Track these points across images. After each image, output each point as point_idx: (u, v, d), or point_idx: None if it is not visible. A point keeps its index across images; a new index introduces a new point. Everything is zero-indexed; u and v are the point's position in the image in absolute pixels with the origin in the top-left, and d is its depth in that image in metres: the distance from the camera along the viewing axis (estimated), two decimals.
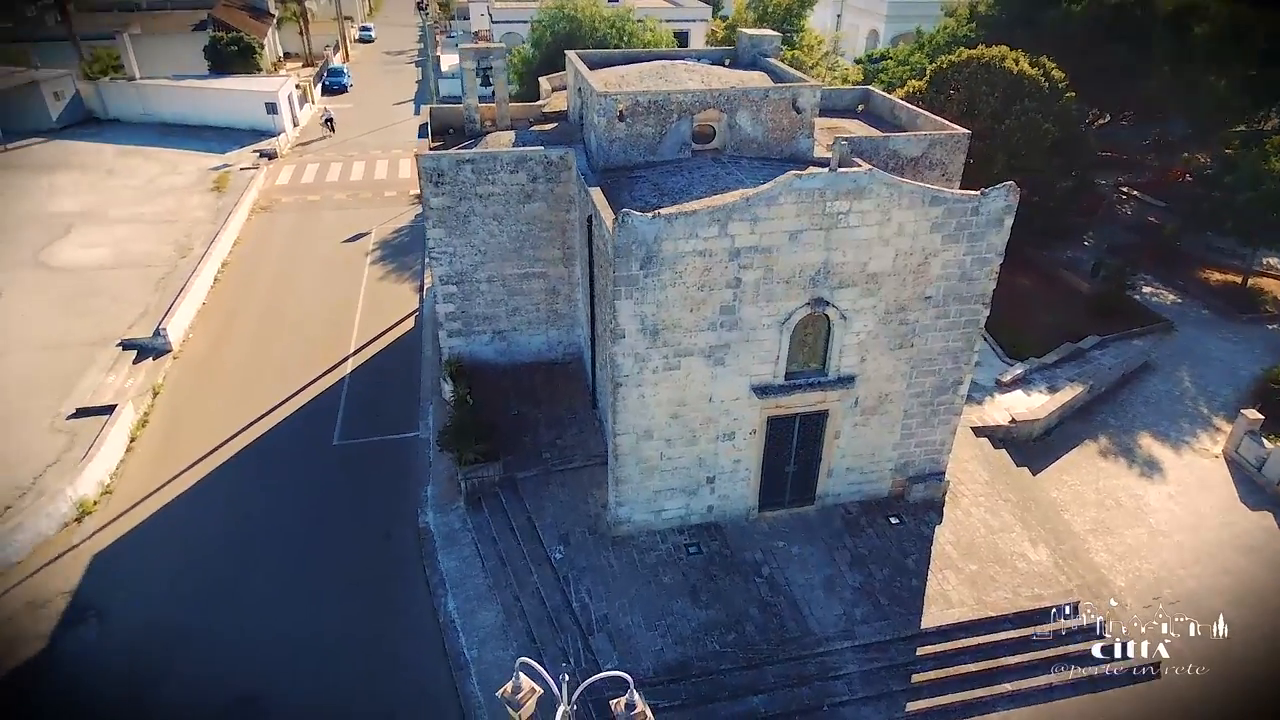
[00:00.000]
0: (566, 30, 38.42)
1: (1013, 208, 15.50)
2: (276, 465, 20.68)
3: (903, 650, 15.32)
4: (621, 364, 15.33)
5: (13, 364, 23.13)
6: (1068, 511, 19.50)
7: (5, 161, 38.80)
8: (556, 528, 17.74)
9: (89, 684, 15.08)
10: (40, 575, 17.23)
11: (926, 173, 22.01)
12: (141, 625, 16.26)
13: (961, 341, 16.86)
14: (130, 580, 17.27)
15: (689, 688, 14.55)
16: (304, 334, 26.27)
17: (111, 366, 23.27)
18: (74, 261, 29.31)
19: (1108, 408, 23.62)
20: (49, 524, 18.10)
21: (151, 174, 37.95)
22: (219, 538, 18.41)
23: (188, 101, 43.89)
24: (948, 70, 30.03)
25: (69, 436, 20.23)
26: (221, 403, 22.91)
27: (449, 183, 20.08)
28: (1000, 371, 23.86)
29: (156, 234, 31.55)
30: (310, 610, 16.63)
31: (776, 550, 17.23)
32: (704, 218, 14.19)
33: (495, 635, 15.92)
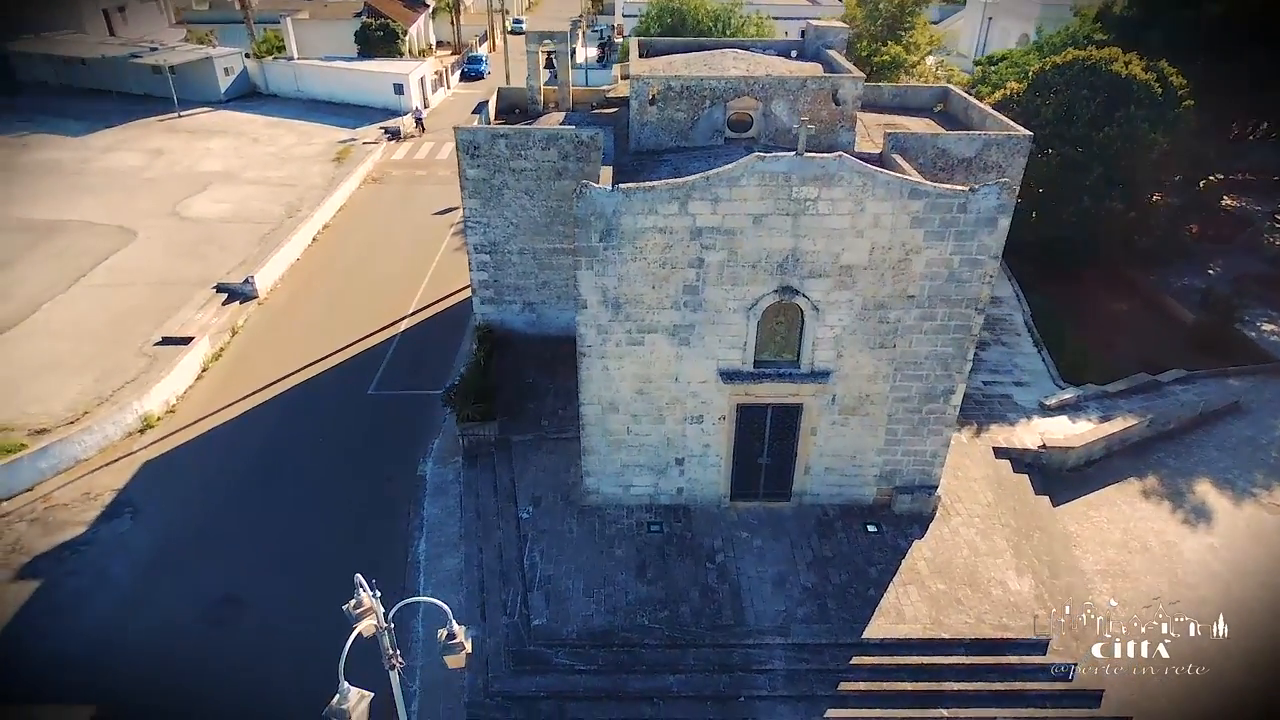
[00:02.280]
0: (671, 22, 38.92)
1: (1007, 208, 14.51)
2: (315, 405, 22.66)
3: (837, 656, 14.79)
4: (584, 334, 15.75)
5: (127, 294, 26.63)
6: (1082, 548, 17.92)
7: (175, 126, 44.27)
8: (533, 490, 18.42)
9: (111, 568, 17.34)
10: (98, 472, 19.93)
11: (981, 175, 20.88)
12: (164, 525, 18.48)
13: (952, 348, 15.95)
14: (167, 486, 19.61)
15: (608, 655, 14.79)
16: (374, 293, 28.40)
17: (203, 305, 26.28)
18: (202, 214, 33.16)
19: (1171, 447, 21.34)
20: (115, 430, 20.84)
21: (288, 143, 42.06)
22: (249, 461, 20.49)
23: (332, 80, 48.24)
24: (1049, 72, 27.98)
25: (150, 360, 23.12)
26: (286, 346, 25.30)
27: (484, 155, 21.17)
28: (1049, 394, 22.11)
29: (275, 195, 35.06)
30: (305, 534, 18.23)
31: (738, 540, 17.04)
32: (663, 194, 14.32)
33: (451, 580, 16.84)
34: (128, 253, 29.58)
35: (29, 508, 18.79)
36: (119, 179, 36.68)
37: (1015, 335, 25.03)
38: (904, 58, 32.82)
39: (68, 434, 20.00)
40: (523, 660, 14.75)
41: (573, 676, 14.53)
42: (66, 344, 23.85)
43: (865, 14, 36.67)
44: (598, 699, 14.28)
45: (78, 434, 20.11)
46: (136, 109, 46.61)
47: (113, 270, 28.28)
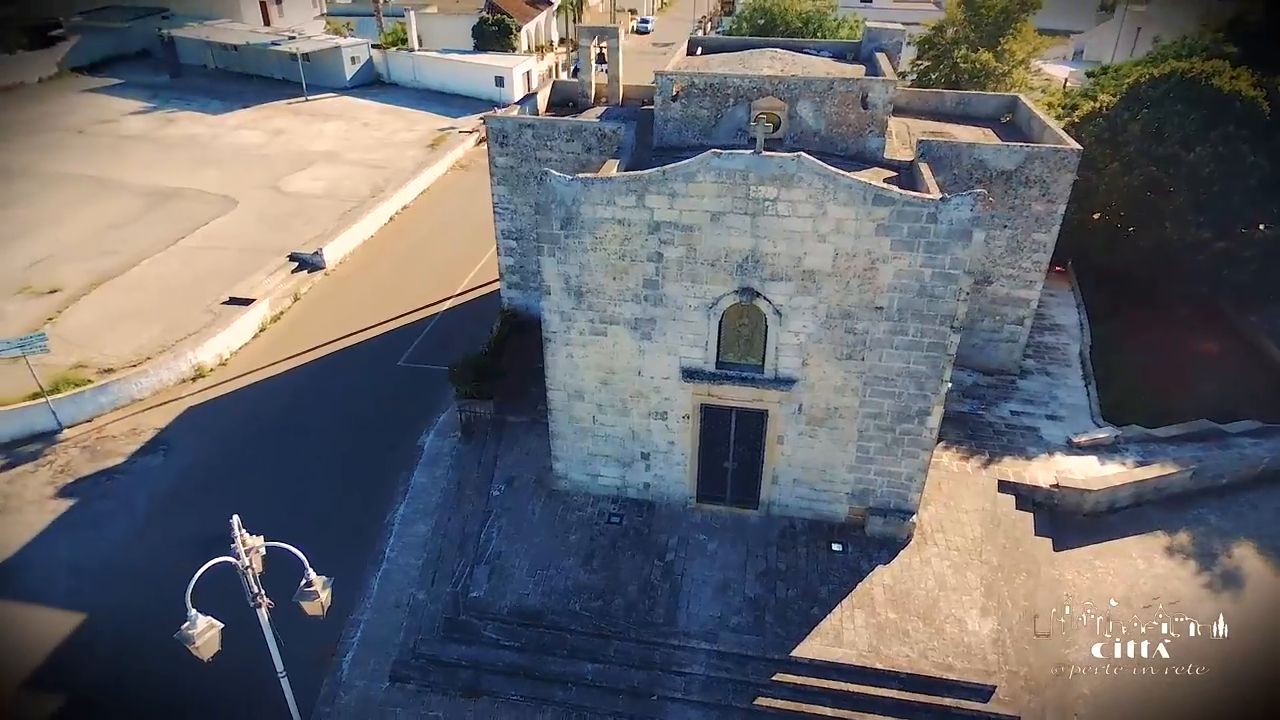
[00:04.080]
0: (762, 23, 38.51)
1: (982, 220, 13.59)
2: (348, 372, 24.18)
3: (760, 670, 14.38)
4: (549, 320, 16.05)
5: (213, 257, 29.33)
6: (1076, 600, 16.45)
7: (300, 109, 48.06)
8: (511, 470, 18.93)
9: (135, 497, 19.30)
10: (147, 412, 22.16)
11: (1022, 191, 19.72)
12: (188, 464, 20.35)
13: (926, 366, 15.08)
14: (199, 430, 21.56)
15: (533, 635, 15.05)
16: (429, 273, 29.85)
17: (274, 272, 28.54)
18: (298, 189, 35.93)
19: (1218, 504, 19.18)
20: (169, 376, 23.10)
21: (393, 129, 44.76)
22: (274, 416, 22.17)
23: (443, 71, 50.88)
24: (1144, 85, 25.63)
25: (214, 316, 25.42)
26: (339, 315, 27.08)
27: (512, 144, 21.86)
28: (1082, 431, 20.38)
29: (365, 176, 37.46)
30: (303, 488, 19.52)
31: (693, 541, 16.85)
32: (620, 185, 14.40)
33: (416, 544, 17.62)
34: (225, 220, 32.53)
35: (84, 436, 21.18)
36: (239, 154, 40.30)
37: (1064, 366, 23.16)
38: (993, 65, 30.89)
39: (127, 375, 22.38)
40: (453, 628, 15.26)
41: (495, 650, 14.90)
42: (150, 296, 26.61)
43: (965, 18, 34.77)
44: (514, 675, 14.58)
45: (136, 376, 22.46)
46: (271, 92, 50.93)
47: (208, 235, 31.19)
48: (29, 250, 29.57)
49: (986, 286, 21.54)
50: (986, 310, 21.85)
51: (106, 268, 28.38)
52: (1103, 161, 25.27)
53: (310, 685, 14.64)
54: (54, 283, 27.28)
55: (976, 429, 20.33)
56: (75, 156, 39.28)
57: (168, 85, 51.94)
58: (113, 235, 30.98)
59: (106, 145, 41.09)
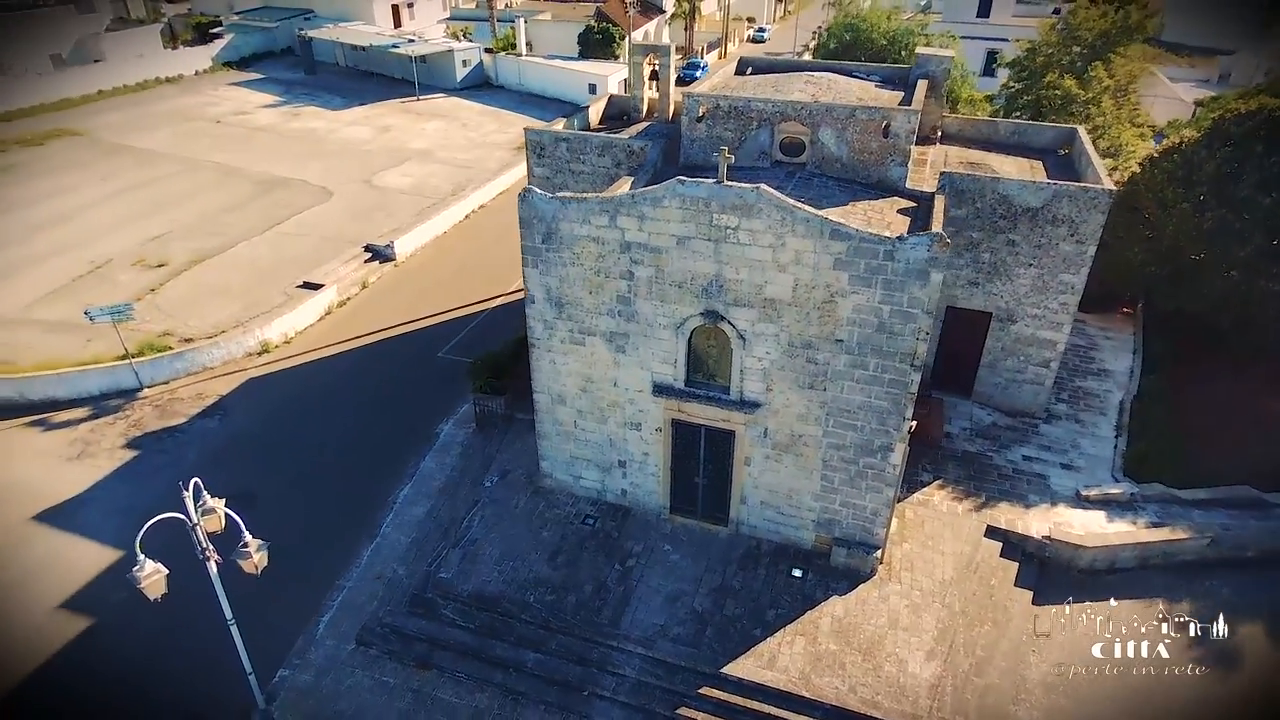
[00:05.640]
0: (850, 39, 38.19)
1: (940, 261, 13.48)
2: (392, 359, 26.11)
3: (688, 681, 14.82)
4: (533, 327, 17.05)
5: (298, 243, 32.21)
6: (1040, 655, 15.88)
7: (409, 108, 51.41)
8: (507, 464, 20.08)
9: (187, 454, 21.79)
10: (214, 380, 24.83)
11: (1048, 229, 19.17)
12: (238, 429, 22.74)
13: (887, 402, 15.03)
14: (253, 399, 23.98)
15: (486, 619, 16.09)
16: (488, 271, 31.54)
17: (348, 260, 31.04)
18: (388, 184, 38.68)
19: (1237, 578, 17.79)
20: (237, 350, 25.74)
21: (487, 130, 47.17)
22: (321, 393, 24.32)
23: (544, 76, 53.02)
24: (1228, 121, 23.84)
25: (286, 298, 28.02)
26: (399, 305, 29.18)
27: (548, 156, 23.02)
28: (1097, 483, 19.42)
29: (451, 174, 39.83)
30: (325, 461, 21.46)
31: (657, 551, 17.41)
32: (594, 206, 15.17)
33: (409, 524, 19.06)
34: (318, 209, 35.55)
35: (158, 396, 24.02)
36: (345, 148, 43.71)
37: (1098, 414, 22.00)
38: (1075, 92, 29.27)
39: (202, 346, 25.14)
40: (417, 604, 16.53)
41: (450, 629, 16.05)
42: (239, 276, 29.62)
43: (1058, 40, 33.10)
44: (463, 654, 15.66)
45: (209, 347, 25.19)
46: (389, 90, 54.71)
47: (299, 223, 34.23)
48: (151, 227, 33.45)
49: (1011, 325, 20.86)
50: (1010, 349, 21.15)
51: (209, 247, 31.73)
52: (1174, 200, 23.75)
53: (289, 639, 16.31)
54: (164, 258, 30.82)
55: (980, 470, 19.76)
56: (209, 144, 43.80)
57: (301, 81, 56.74)
58: (222, 218, 34.52)
59: (238, 135, 45.52)
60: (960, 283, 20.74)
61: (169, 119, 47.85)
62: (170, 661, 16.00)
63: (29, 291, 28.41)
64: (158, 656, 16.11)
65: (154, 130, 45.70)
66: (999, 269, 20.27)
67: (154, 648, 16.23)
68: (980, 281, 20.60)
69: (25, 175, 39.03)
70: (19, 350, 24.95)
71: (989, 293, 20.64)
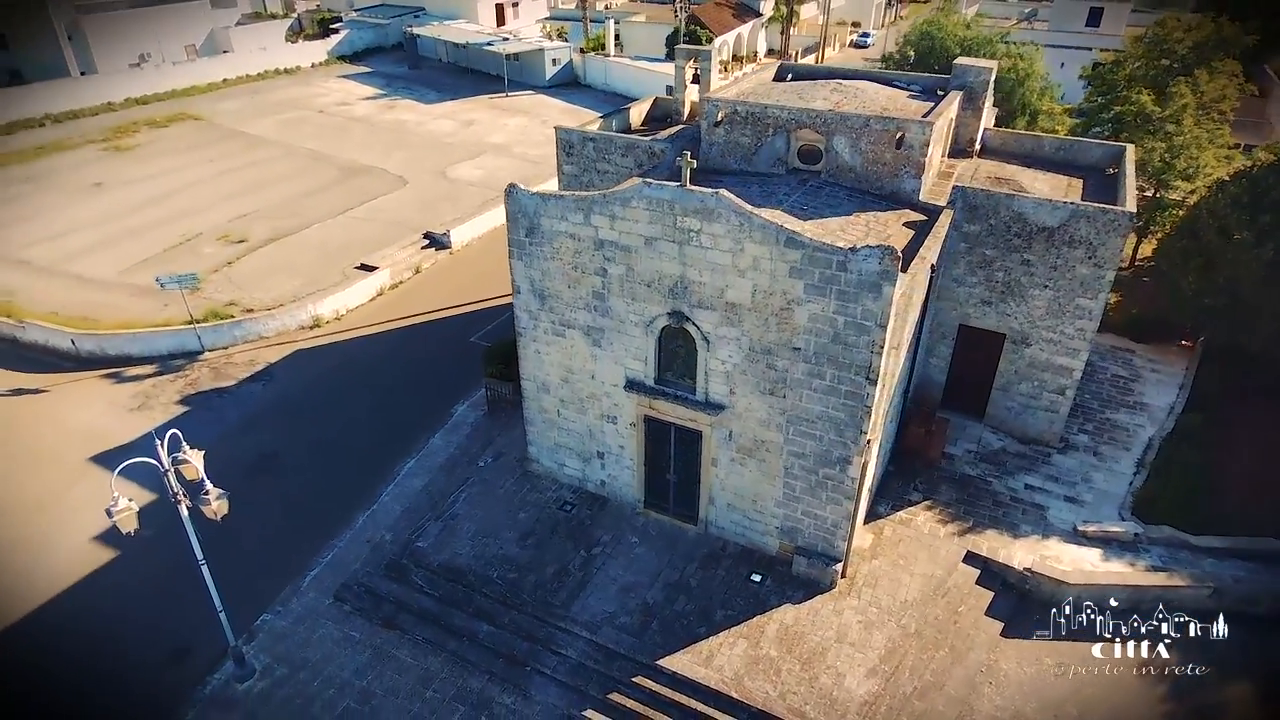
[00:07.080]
0: (927, 47, 37.31)
1: (892, 275, 13.34)
2: (428, 341, 27.57)
3: (622, 668, 15.22)
4: (519, 316, 17.82)
5: (365, 228, 34.34)
6: (996, 687, 15.37)
7: (497, 104, 53.47)
8: (503, 447, 20.99)
9: (231, 415, 23.84)
10: (267, 349, 26.96)
11: (1064, 250, 18.55)
12: (278, 395, 24.67)
13: (844, 414, 14.94)
14: (298, 369, 25.90)
15: (449, 589, 17.00)
16: None
17: (406, 246, 32.86)
18: (459, 176, 40.53)
19: (1242, 634, 16.51)
20: (292, 323, 27.83)
21: None
22: (358, 368, 26.00)
23: (627, 76, 53.97)
24: None
25: (343, 278, 30.01)
26: (447, 291, 30.71)
27: (577, 154, 23.80)
28: (1099, 520, 18.48)
29: (519, 169, 41.28)
30: (350, 429, 23.00)
31: (623, 542, 17.86)
32: (570, 203, 15.77)
33: (406, 495, 20.25)
34: (389, 197, 37.71)
35: (216, 359, 26.32)
36: (429, 140, 46.02)
37: (1122, 449, 20.83)
38: (1151, 109, 27.40)
39: (259, 317, 27.33)
40: (392, 568, 17.63)
41: (417, 594, 17.05)
42: (306, 255, 31.91)
43: (1144, 51, 31.08)
44: (424, 619, 16.62)
45: (266, 319, 27.36)
46: (482, 86, 57.04)
47: (371, 208, 36.43)
48: (241, 206, 36.41)
49: (1025, 349, 20.11)
50: (1024, 374, 20.37)
51: (286, 227, 34.29)
52: (1236, 227, 22.16)
53: (278, 589, 17.76)
54: (245, 234, 33.54)
55: (975, 495, 19.17)
56: (309, 132, 47.06)
57: (404, 76, 59.94)
58: (303, 200, 37.18)
59: (336, 125, 48.69)
60: (973, 300, 20.15)
61: (279, 108, 51.66)
62: (174, 594, 17.70)
63: (126, 258, 31.59)
64: (164, 592, 17.85)
65: (265, 117, 49.48)
66: (1013, 289, 19.57)
67: (164, 584, 17.98)
68: (994, 300, 19.94)
69: (149, 154, 43.20)
70: (108, 310, 27.86)
71: (1002, 313, 19.95)
